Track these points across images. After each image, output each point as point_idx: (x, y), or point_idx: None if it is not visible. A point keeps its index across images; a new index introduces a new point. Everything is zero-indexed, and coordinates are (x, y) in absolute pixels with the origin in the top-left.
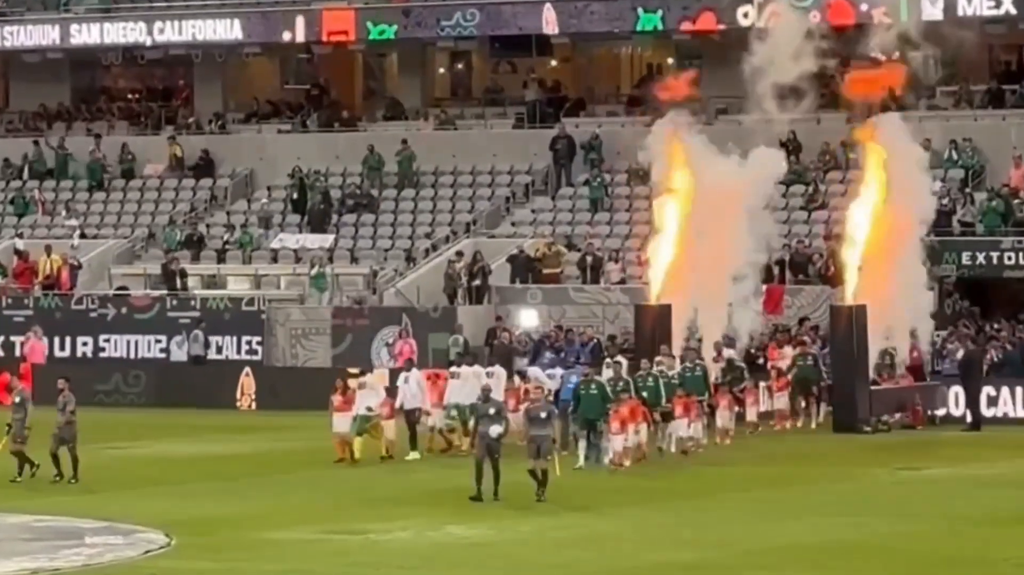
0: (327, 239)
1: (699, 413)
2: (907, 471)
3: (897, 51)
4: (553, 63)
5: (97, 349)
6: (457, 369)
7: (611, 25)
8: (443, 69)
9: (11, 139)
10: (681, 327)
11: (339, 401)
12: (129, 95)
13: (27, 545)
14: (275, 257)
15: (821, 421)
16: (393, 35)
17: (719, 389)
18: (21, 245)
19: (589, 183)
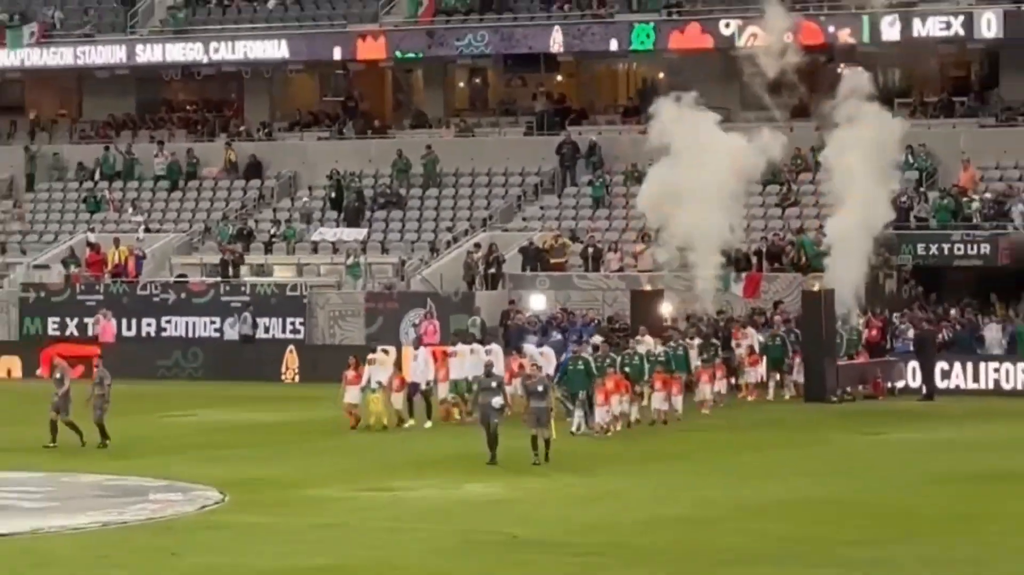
0: (361, 232)
1: (681, 388)
2: (870, 436)
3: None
4: (559, 78)
5: (159, 329)
6: (454, 348)
7: (609, 44)
8: (462, 84)
9: (84, 145)
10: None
11: (352, 375)
12: (187, 107)
13: (99, 501)
14: (315, 248)
15: (794, 393)
16: (418, 54)
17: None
18: (93, 238)
19: (591, 183)
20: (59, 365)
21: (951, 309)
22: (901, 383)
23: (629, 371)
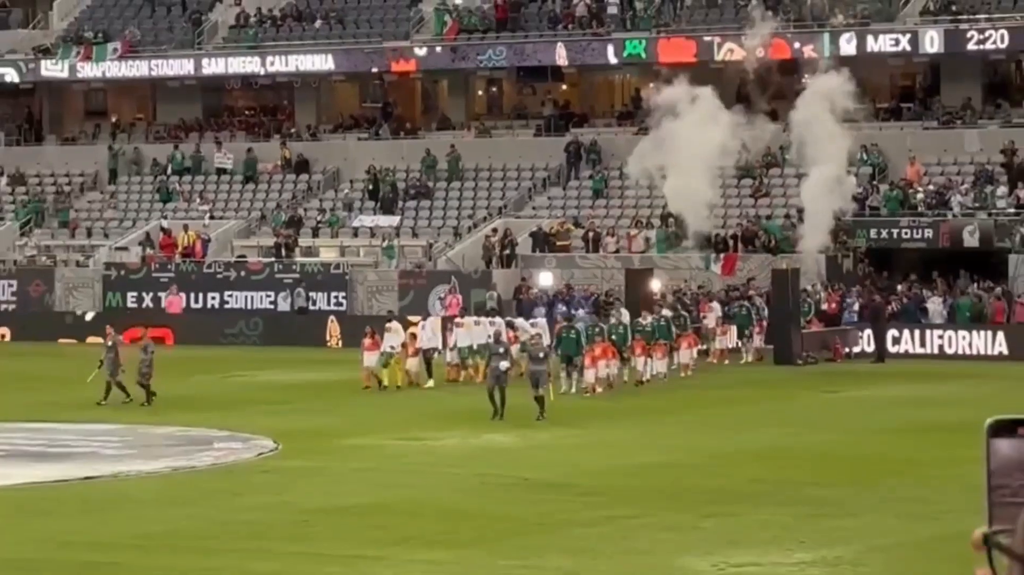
0: (395, 219)
1: (664, 354)
2: (830, 394)
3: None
4: (564, 87)
5: (223, 302)
6: (460, 319)
7: (607, 58)
8: (481, 92)
9: (158, 145)
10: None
11: (369, 343)
12: (246, 112)
13: (169, 450)
14: (356, 233)
15: (755, 358)
16: (443, 67)
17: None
18: (166, 224)
19: (591, 177)
20: (110, 333)
21: (898, 285)
22: (857, 348)
23: (615, 339)
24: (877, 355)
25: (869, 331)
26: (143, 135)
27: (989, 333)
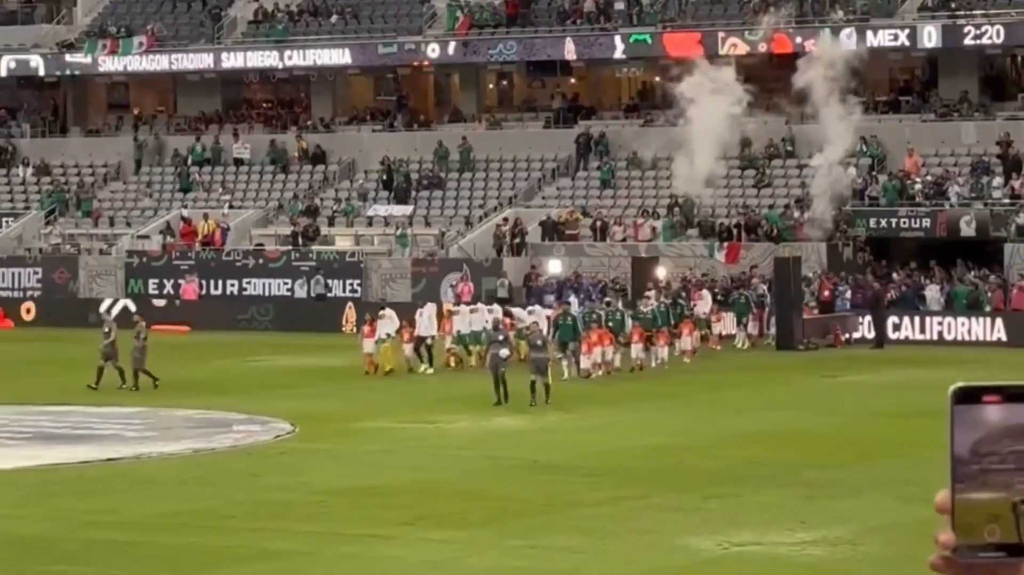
0: (408, 209)
1: (666, 340)
2: (829, 378)
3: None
4: (572, 81)
5: (241, 289)
6: (456, 307)
7: (614, 53)
8: (492, 85)
9: (179, 136)
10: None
11: (367, 330)
12: (264, 104)
13: (191, 431)
14: (370, 222)
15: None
16: (455, 61)
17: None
18: (186, 213)
19: (599, 168)
20: (107, 320)
21: (893, 273)
22: (857, 334)
23: (612, 326)
24: (876, 341)
25: (868, 318)
26: (164, 127)
27: (988, 320)
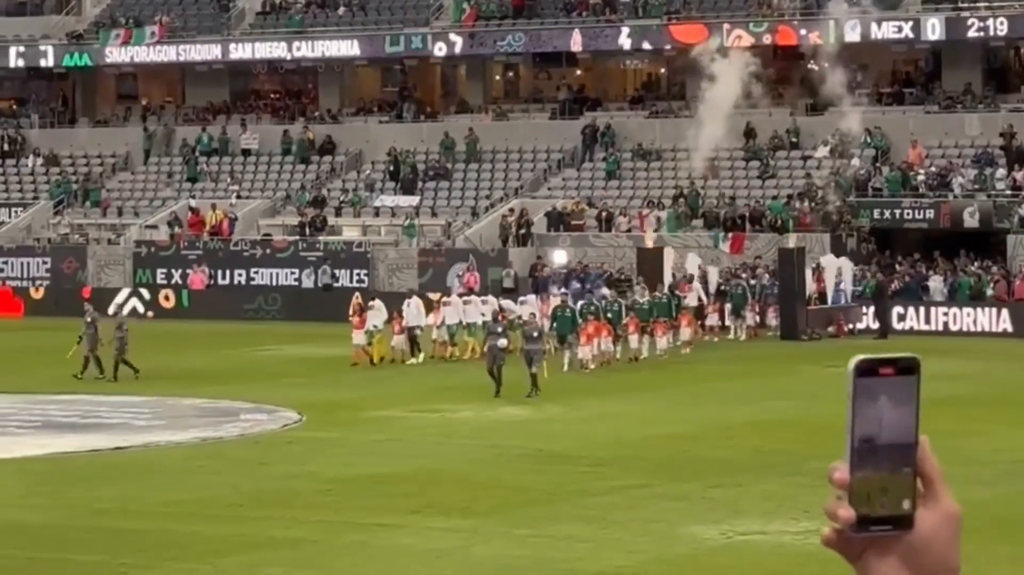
0: (415, 199)
1: (665, 331)
2: (834, 368)
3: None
4: (578, 72)
5: (248, 279)
6: (447, 298)
7: (619, 44)
8: (498, 76)
9: (187, 126)
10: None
11: (356, 321)
12: (272, 95)
13: (198, 420)
14: (377, 212)
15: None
16: (461, 52)
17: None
18: (194, 203)
19: (604, 159)
20: (88, 310)
21: (896, 264)
22: (861, 325)
23: (611, 317)
24: (881, 331)
25: (871, 308)
26: (172, 118)
27: (993, 310)
